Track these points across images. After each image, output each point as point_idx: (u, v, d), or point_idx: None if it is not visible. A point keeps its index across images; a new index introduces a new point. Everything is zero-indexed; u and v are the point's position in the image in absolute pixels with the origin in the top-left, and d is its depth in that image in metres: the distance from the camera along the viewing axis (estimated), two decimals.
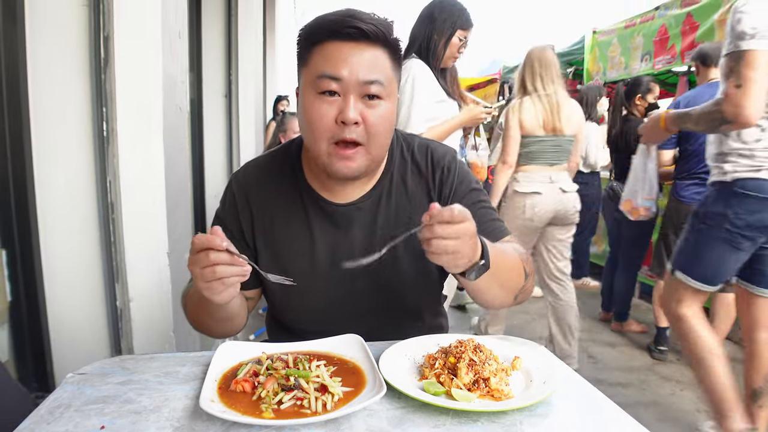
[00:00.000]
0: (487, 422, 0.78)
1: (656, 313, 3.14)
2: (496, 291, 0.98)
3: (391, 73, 0.96)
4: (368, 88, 0.92)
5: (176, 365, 0.95)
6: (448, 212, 0.79)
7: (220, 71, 3.72)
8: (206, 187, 3.47)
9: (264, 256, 1.07)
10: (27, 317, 1.53)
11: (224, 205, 1.11)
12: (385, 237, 1.03)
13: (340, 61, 0.91)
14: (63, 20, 1.52)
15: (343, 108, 0.92)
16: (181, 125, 1.83)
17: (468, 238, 0.81)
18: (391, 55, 0.95)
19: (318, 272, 1.05)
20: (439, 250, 0.80)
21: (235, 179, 1.11)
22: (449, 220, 0.79)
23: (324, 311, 1.08)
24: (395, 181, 1.09)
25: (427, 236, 0.80)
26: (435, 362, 0.90)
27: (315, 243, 1.06)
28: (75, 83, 1.55)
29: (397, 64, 0.98)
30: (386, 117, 0.95)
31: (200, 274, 0.81)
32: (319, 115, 0.92)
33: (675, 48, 4.07)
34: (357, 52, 0.91)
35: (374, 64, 0.92)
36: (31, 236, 1.51)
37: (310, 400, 0.78)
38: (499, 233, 1.09)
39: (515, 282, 1.01)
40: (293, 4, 8.14)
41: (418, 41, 2.24)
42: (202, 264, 0.80)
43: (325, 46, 0.93)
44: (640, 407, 2.58)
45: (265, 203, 1.07)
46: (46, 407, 0.79)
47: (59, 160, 1.56)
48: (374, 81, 0.92)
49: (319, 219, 1.06)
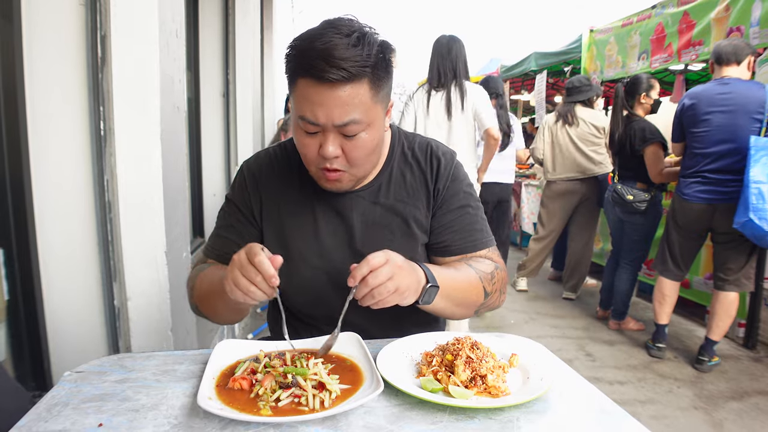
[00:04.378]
0: (484, 419, 0.78)
1: (655, 311, 3.14)
2: (453, 309, 1.06)
3: (371, 102, 0.95)
4: (344, 129, 0.94)
5: (174, 363, 0.96)
6: (365, 265, 0.86)
7: (217, 70, 3.71)
8: (204, 186, 3.46)
9: (270, 235, 1.14)
10: (24, 316, 1.52)
11: (235, 188, 1.19)
12: (381, 225, 1.11)
13: (316, 106, 0.92)
14: (60, 19, 1.52)
15: (323, 144, 0.96)
16: (178, 124, 1.83)
17: (399, 270, 0.88)
18: (371, 83, 0.93)
19: (320, 252, 1.12)
20: (382, 295, 0.87)
21: (247, 165, 1.19)
22: (372, 269, 0.86)
23: (324, 291, 1.12)
24: (395, 174, 1.14)
25: (365, 293, 0.87)
26: (432, 359, 0.91)
27: (318, 228, 1.12)
28: (72, 82, 1.55)
29: (380, 85, 0.96)
30: (366, 146, 0.98)
31: (237, 279, 0.86)
32: (305, 147, 0.99)
33: (672, 46, 4.08)
34: (331, 93, 0.90)
35: (349, 103, 0.92)
36: (28, 235, 1.51)
37: (307, 398, 0.78)
38: (478, 245, 1.14)
39: (473, 300, 1.07)
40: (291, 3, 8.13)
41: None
42: (247, 274, 0.85)
43: (303, 85, 0.92)
44: (637, 404, 2.59)
45: (273, 188, 1.15)
46: (44, 405, 0.79)
47: (56, 159, 1.56)
48: (349, 122, 0.93)
49: (323, 206, 1.13)
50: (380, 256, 0.87)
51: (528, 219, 5.66)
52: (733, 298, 2.85)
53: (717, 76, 2.83)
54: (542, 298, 4.39)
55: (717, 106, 2.73)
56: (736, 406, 2.57)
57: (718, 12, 3.56)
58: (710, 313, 2.99)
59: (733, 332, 3.37)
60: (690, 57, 3.93)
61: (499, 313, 3.94)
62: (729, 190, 2.70)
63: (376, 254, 0.87)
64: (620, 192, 3.34)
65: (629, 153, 3.31)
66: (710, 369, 2.96)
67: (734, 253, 2.81)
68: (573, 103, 3.99)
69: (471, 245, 1.14)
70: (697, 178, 2.84)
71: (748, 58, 2.77)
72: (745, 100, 2.68)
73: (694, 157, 2.85)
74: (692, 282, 3.67)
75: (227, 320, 1.14)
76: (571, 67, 6.22)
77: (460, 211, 1.14)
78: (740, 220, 2.54)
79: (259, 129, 4.96)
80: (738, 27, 3.40)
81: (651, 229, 3.41)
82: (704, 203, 2.81)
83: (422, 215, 1.13)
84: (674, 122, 2.97)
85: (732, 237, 2.77)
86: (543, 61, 6.37)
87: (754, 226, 2.48)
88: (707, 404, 2.59)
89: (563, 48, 5.93)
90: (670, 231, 3.04)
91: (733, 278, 2.83)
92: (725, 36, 3.48)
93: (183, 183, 1.93)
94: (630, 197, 3.29)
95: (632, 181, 3.34)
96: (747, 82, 2.76)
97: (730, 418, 2.46)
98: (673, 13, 4.05)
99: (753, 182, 2.49)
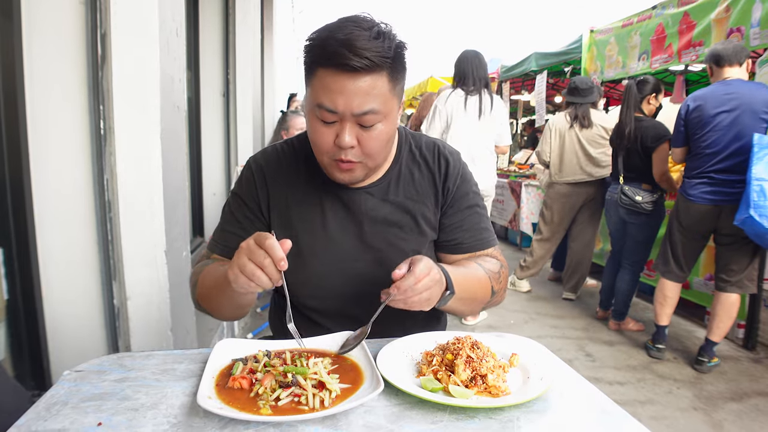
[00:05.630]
0: (484, 418, 0.78)
1: (656, 312, 3.14)
2: (462, 308, 1.09)
3: (389, 95, 0.97)
4: (362, 118, 0.95)
5: (173, 362, 0.95)
6: (411, 276, 0.87)
7: (217, 70, 3.71)
8: (204, 185, 3.46)
9: (277, 228, 1.13)
10: (24, 315, 1.52)
11: (241, 183, 1.17)
12: (390, 221, 1.12)
13: (336, 94, 0.93)
14: (60, 17, 1.51)
15: (339, 133, 0.96)
16: (178, 123, 1.83)
17: (436, 283, 0.90)
18: (389, 76, 0.96)
19: (328, 245, 1.11)
20: (416, 305, 0.89)
21: (254, 160, 1.18)
22: (417, 280, 0.87)
23: (331, 284, 1.12)
24: (403, 172, 1.15)
25: (399, 299, 0.88)
26: (432, 359, 0.91)
27: (326, 221, 1.12)
28: (72, 81, 1.55)
29: (397, 79, 0.98)
30: (382, 137, 0.99)
31: (244, 264, 0.85)
32: (320, 137, 0.98)
33: (672, 47, 4.08)
34: (352, 83, 0.92)
35: (369, 93, 0.93)
36: (28, 234, 1.51)
37: (307, 397, 0.78)
38: (485, 243, 1.18)
39: (481, 298, 1.10)
40: (291, 3, 8.13)
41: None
42: (255, 258, 0.84)
43: (323, 74, 0.94)
44: (636, 405, 2.59)
45: (281, 182, 1.14)
46: (43, 404, 0.79)
47: (56, 158, 1.56)
48: (368, 111, 0.95)
49: (331, 200, 1.13)
50: (424, 266, 0.88)
51: (527, 219, 5.66)
52: (735, 300, 2.85)
53: (717, 77, 2.82)
54: (542, 298, 4.39)
55: (723, 107, 2.72)
56: (735, 407, 2.57)
57: (718, 13, 3.56)
58: (711, 314, 2.99)
59: (732, 333, 3.37)
60: (690, 57, 3.93)
61: (499, 313, 3.94)
62: (735, 191, 2.69)
63: (421, 264, 0.88)
64: (628, 193, 3.31)
65: (639, 152, 3.27)
66: (710, 370, 2.96)
67: (737, 254, 2.81)
68: (586, 105, 3.93)
69: (480, 243, 1.17)
70: (703, 178, 2.82)
71: (747, 60, 2.78)
72: (750, 99, 2.67)
73: (699, 157, 2.83)
74: (692, 283, 3.67)
75: (229, 316, 1.13)
76: (572, 68, 6.22)
77: (469, 210, 1.16)
78: (741, 216, 2.53)
79: (259, 128, 4.95)
80: (738, 28, 3.40)
81: (655, 230, 3.40)
82: (710, 204, 2.80)
83: (431, 213, 1.15)
84: (677, 126, 2.94)
85: (735, 238, 2.77)
86: (543, 62, 6.37)
87: (754, 223, 2.48)
88: (707, 405, 2.59)
89: (563, 48, 5.92)
90: (673, 232, 3.03)
91: (736, 280, 2.83)
92: (726, 37, 3.48)
93: (183, 182, 1.93)
94: (639, 198, 3.28)
95: (637, 183, 3.33)
96: (750, 83, 2.77)
97: (729, 419, 2.46)
98: (673, 13, 4.05)
99: (755, 179, 2.48)
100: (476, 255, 1.16)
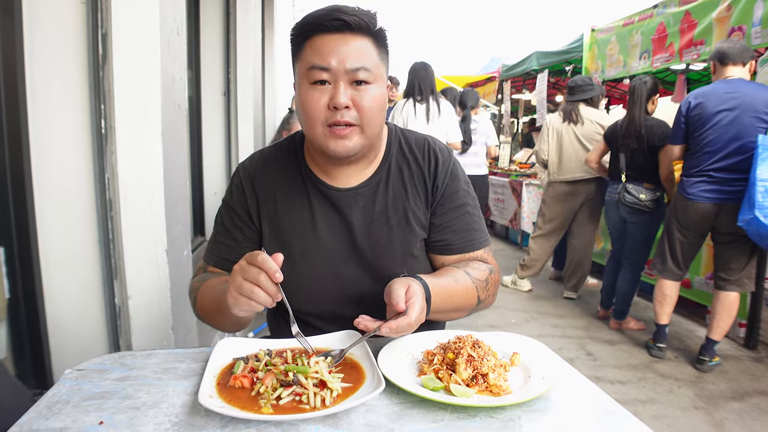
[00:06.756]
0: (485, 417, 0.78)
1: (656, 311, 3.14)
2: (445, 317, 1.11)
3: (377, 60, 1.02)
4: (356, 74, 0.98)
5: (175, 361, 0.95)
6: (407, 322, 0.88)
7: (218, 69, 3.71)
8: (205, 184, 3.46)
9: (268, 235, 1.13)
10: (25, 314, 1.52)
11: (231, 191, 1.17)
12: (381, 222, 1.11)
13: (328, 52, 0.97)
14: (61, 17, 1.51)
15: (333, 94, 0.98)
16: (179, 122, 1.83)
17: (423, 314, 0.92)
18: (375, 44, 1.02)
19: (319, 248, 1.11)
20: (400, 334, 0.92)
21: (242, 167, 1.18)
22: (410, 327, 0.89)
23: (323, 286, 1.12)
24: (393, 170, 1.14)
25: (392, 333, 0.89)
26: (434, 358, 0.91)
27: (316, 223, 1.11)
28: (73, 80, 1.55)
29: (383, 52, 1.04)
30: (376, 99, 1.01)
31: (240, 285, 0.85)
32: (313, 102, 0.99)
33: (673, 46, 4.08)
34: (343, 42, 0.98)
35: (360, 52, 0.99)
36: (29, 233, 1.51)
37: (308, 396, 0.78)
38: (476, 245, 1.16)
39: (466, 306, 1.09)
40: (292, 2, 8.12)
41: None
42: (249, 276, 0.84)
43: (314, 40, 0.99)
44: (637, 404, 2.59)
45: (270, 187, 1.14)
46: (45, 403, 0.79)
47: (57, 157, 1.56)
48: (360, 68, 0.98)
49: (320, 202, 1.12)
50: (419, 308, 0.90)
51: (528, 218, 5.65)
52: (734, 298, 2.85)
53: (720, 76, 2.82)
54: (543, 297, 4.39)
55: (725, 105, 2.72)
56: (736, 406, 2.57)
57: (719, 12, 3.56)
58: (711, 313, 2.99)
59: (733, 332, 3.37)
60: (691, 56, 3.93)
61: (499, 313, 3.94)
62: (734, 190, 2.69)
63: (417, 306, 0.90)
64: (632, 191, 3.31)
65: (645, 151, 3.26)
66: (711, 369, 2.96)
67: (736, 253, 2.81)
68: (576, 102, 3.98)
69: (469, 245, 1.15)
70: (702, 177, 2.82)
71: (751, 61, 2.78)
72: (751, 99, 2.67)
73: (699, 156, 2.83)
74: (693, 282, 3.67)
75: (230, 330, 1.13)
76: (573, 67, 6.22)
77: (459, 210, 1.15)
78: (745, 217, 2.53)
79: (260, 128, 4.95)
80: (740, 27, 3.39)
81: (655, 229, 3.40)
82: (709, 203, 2.80)
83: (421, 212, 1.13)
84: (677, 123, 2.93)
85: (734, 237, 2.77)
86: (544, 61, 6.37)
87: (759, 224, 2.48)
88: (708, 404, 2.59)
89: (565, 47, 5.92)
90: (671, 230, 3.03)
91: (735, 278, 2.83)
92: (727, 36, 3.47)
93: (184, 181, 1.93)
94: (643, 196, 3.28)
95: (639, 181, 3.32)
96: (751, 83, 2.77)
97: (730, 418, 2.46)
98: (674, 12, 4.05)
99: (759, 180, 2.48)
100: (466, 257, 1.15)
